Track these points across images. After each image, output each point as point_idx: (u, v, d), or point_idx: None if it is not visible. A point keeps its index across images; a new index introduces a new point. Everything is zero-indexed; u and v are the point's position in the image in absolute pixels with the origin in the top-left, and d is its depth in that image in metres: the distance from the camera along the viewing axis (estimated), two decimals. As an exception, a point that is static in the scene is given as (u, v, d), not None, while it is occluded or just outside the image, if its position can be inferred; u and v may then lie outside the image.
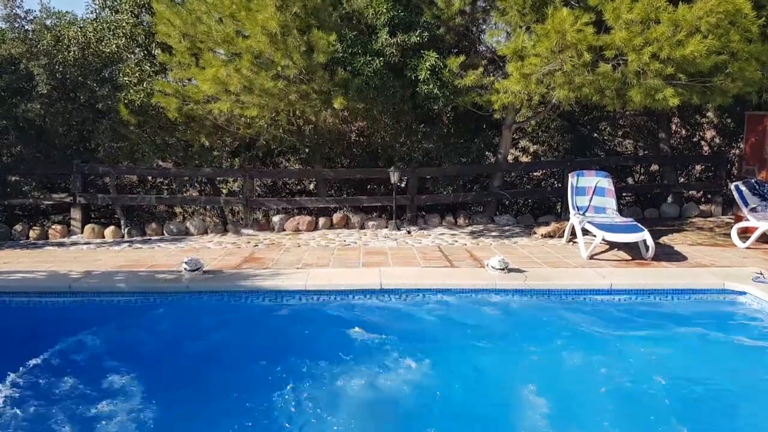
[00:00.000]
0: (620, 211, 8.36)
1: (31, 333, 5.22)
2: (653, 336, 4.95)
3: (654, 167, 12.75)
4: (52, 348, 4.85)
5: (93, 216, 10.89)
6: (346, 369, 4.54)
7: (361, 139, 11.03)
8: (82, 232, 9.52)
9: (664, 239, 8.30)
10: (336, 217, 9.77)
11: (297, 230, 9.56)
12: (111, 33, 9.71)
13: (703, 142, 12.79)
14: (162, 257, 7.45)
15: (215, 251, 7.85)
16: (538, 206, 12.26)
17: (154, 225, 9.67)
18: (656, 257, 6.95)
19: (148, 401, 3.94)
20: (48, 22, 10.16)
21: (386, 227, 9.53)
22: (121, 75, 9.19)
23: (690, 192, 12.04)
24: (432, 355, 4.67)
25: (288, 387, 4.14)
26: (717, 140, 12.66)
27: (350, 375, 4.43)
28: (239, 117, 9.17)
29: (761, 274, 5.92)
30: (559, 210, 10.39)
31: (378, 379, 4.28)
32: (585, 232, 7.38)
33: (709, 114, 12.41)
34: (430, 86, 8.23)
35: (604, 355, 4.65)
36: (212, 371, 4.42)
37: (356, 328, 5.36)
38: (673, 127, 12.36)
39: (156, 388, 4.13)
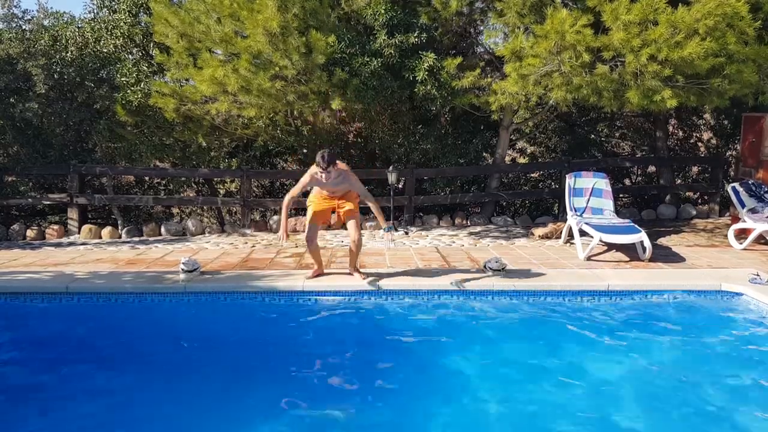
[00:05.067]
0: (617, 213, 8.37)
1: (21, 332, 5.21)
2: (649, 337, 4.96)
3: (651, 168, 12.78)
4: (46, 346, 4.86)
5: (90, 216, 10.89)
6: (343, 369, 4.54)
7: (359, 139, 11.03)
8: (79, 233, 9.51)
9: (662, 240, 8.32)
10: (333, 217, 9.73)
11: (295, 231, 9.55)
12: (108, 33, 9.71)
13: (700, 144, 12.83)
14: (159, 258, 7.44)
15: (213, 252, 7.84)
16: (536, 207, 12.28)
17: (151, 225, 9.66)
18: (653, 258, 6.97)
19: (142, 401, 3.93)
20: (45, 22, 10.17)
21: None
22: (118, 75, 9.18)
23: (687, 193, 12.07)
24: (427, 356, 4.68)
25: (285, 388, 4.14)
26: (714, 142, 12.70)
27: (347, 375, 4.43)
28: (237, 117, 9.18)
29: (758, 275, 5.93)
30: (556, 211, 10.41)
31: (373, 379, 4.28)
32: (582, 233, 7.39)
33: (706, 116, 12.44)
34: (428, 87, 8.24)
35: (601, 356, 4.65)
36: (208, 372, 4.41)
37: (352, 330, 5.36)
38: (670, 128, 12.39)
39: (150, 387, 4.13)
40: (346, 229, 6.32)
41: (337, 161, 5.80)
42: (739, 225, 7.86)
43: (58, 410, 3.84)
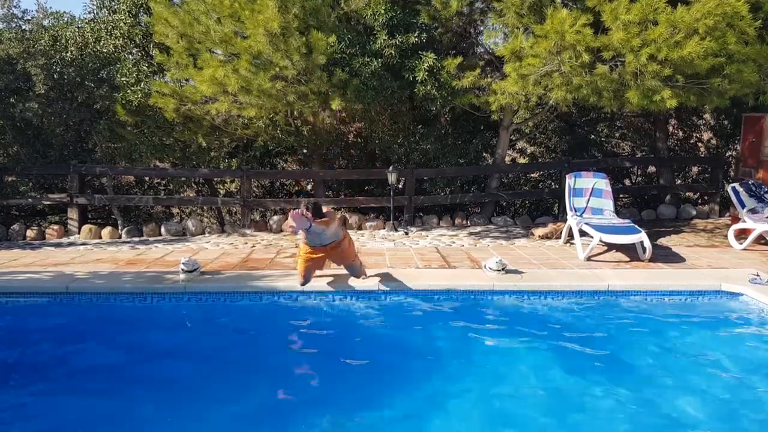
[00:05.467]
0: (617, 213, 8.37)
1: (20, 332, 5.21)
2: (650, 337, 4.96)
3: (651, 169, 12.78)
4: (46, 346, 4.86)
5: (90, 216, 10.88)
6: (342, 367, 4.54)
7: (359, 139, 11.04)
8: (79, 233, 9.51)
9: (662, 240, 8.32)
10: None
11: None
12: (108, 33, 9.72)
13: (699, 144, 12.83)
14: (159, 258, 7.44)
15: (213, 252, 7.84)
16: (536, 207, 12.29)
17: (151, 225, 9.66)
18: (653, 258, 6.97)
19: (142, 401, 3.94)
20: (45, 23, 10.17)
21: (384, 228, 9.53)
22: (118, 75, 9.18)
23: (687, 193, 12.07)
24: (427, 355, 4.68)
25: (285, 387, 4.15)
26: (714, 142, 12.70)
27: (347, 374, 4.43)
28: (237, 117, 9.18)
29: (758, 275, 5.93)
30: (556, 211, 10.41)
31: (373, 378, 4.28)
32: (582, 233, 7.39)
33: (706, 116, 12.44)
34: (428, 87, 8.24)
35: (600, 356, 4.65)
36: (208, 372, 4.41)
37: (352, 329, 5.36)
38: (670, 128, 12.39)
39: (150, 387, 4.13)
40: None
41: (324, 208, 5.58)
42: (739, 225, 7.86)
43: (58, 410, 3.84)
